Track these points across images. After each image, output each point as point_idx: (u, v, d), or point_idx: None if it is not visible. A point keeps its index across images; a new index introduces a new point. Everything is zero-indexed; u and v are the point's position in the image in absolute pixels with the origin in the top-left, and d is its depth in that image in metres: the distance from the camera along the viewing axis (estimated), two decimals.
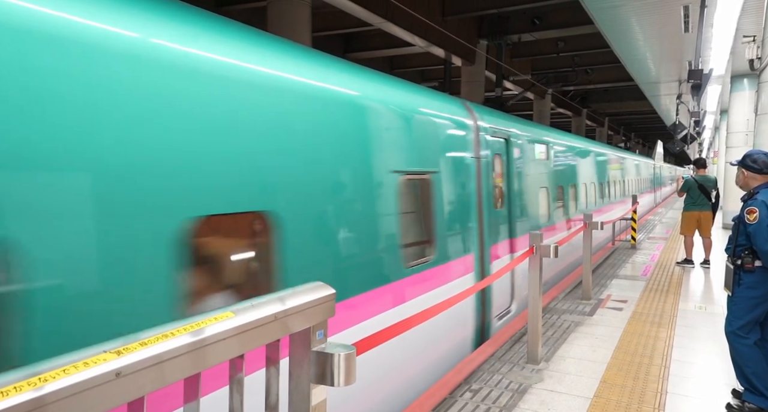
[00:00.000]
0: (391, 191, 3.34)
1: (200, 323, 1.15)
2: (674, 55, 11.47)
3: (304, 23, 9.40)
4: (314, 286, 1.51)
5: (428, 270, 3.76)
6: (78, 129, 1.64)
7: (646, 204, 18.34)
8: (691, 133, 17.88)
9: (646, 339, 4.76)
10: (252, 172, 2.31)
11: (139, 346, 0.99)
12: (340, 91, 3.01)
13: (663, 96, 17.59)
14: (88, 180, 1.65)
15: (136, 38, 1.88)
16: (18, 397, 0.78)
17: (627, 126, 40.12)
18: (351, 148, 3.02)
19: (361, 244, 3.03)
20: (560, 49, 16.43)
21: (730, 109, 14.09)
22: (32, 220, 1.51)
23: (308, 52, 3.02)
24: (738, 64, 12.24)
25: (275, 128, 2.48)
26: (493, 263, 4.97)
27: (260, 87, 2.42)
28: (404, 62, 18.30)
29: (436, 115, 4.10)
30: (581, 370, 4.02)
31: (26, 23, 1.55)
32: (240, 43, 2.41)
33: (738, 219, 3.39)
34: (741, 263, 3.30)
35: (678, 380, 3.85)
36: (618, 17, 8.76)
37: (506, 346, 4.56)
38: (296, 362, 1.44)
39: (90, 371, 0.88)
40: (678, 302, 6.12)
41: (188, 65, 2.05)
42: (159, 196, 1.87)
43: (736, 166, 3.61)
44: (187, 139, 2.00)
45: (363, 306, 3.02)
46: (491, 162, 5.08)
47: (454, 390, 3.66)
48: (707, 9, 7.43)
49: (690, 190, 8.29)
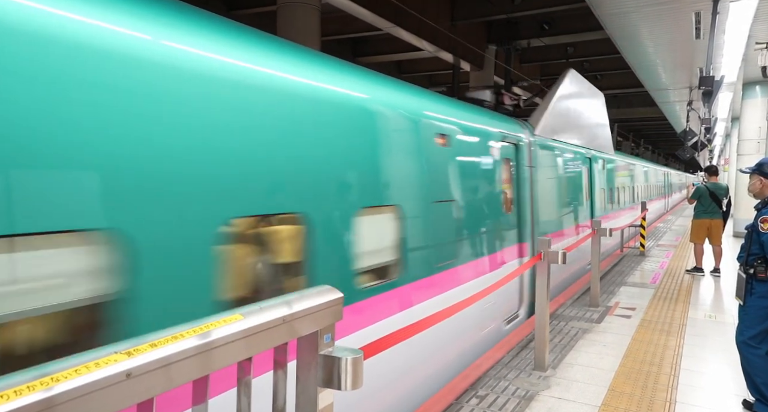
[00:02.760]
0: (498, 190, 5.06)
1: (209, 325, 1.15)
2: (685, 62, 11.38)
3: (313, 28, 9.46)
4: (322, 289, 1.51)
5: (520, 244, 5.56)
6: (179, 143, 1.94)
7: (675, 200, 23.35)
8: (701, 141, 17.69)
9: (654, 347, 4.71)
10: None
11: (149, 347, 1.00)
12: (441, 127, 3.94)
13: (673, 103, 17.44)
14: (177, 182, 1.93)
15: (213, 60, 2.12)
16: (30, 396, 0.79)
17: (636, 132, 39.84)
18: (464, 173, 4.26)
19: (492, 227, 4.83)
20: (569, 54, 16.36)
21: (742, 117, 13.94)
22: (140, 212, 1.77)
23: (385, 79, 3.63)
24: (750, 71, 12.13)
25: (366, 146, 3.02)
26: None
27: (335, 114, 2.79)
28: (412, 67, 18.32)
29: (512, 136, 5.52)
30: (589, 377, 3.99)
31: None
32: (297, 60, 2.68)
33: (751, 228, 3.35)
34: (754, 272, 3.26)
35: (687, 389, 3.80)
36: (628, 23, 8.72)
37: (513, 352, 4.53)
38: (303, 366, 1.44)
39: (101, 372, 0.89)
40: (687, 311, 6.05)
41: (254, 85, 2.30)
42: (216, 197, 2.08)
43: (748, 173, 3.57)
44: (242, 149, 2.21)
45: (494, 260, 4.85)
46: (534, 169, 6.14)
47: (461, 396, 3.64)
48: (719, 15, 7.38)
49: (701, 198, 8.21)
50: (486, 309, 4.62)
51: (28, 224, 1.48)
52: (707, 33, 7.86)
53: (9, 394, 0.77)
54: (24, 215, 1.47)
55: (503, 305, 5.12)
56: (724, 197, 8.25)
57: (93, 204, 1.65)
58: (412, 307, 3.39)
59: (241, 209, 2.20)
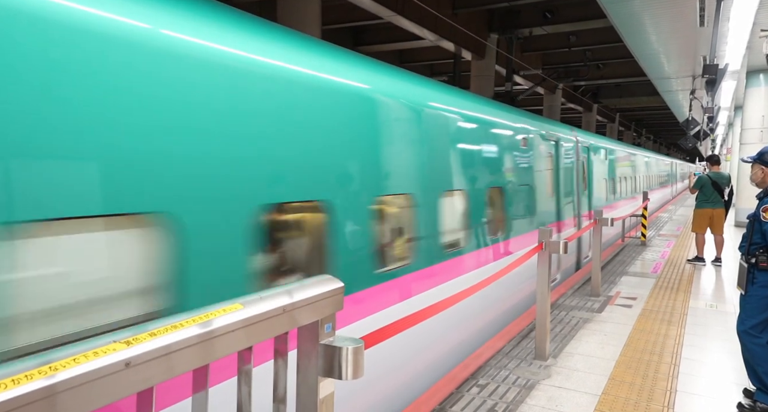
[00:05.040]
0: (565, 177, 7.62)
1: (209, 314, 1.15)
2: (688, 50, 11.26)
3: (314, 16, 9.36)
4: (323, 279, 1.51)
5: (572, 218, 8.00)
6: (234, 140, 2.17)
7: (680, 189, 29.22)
8: (704, 130, 17.59)
9: (655, 337, 4.72)
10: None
11: (148, 336, 0.99)
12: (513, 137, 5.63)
13: (676, 91, 17.30)
14: (226, 172, 2.13)
15: (274, 66, 2.39)
16: (29, 385, 0.79)
17: (638, 122, 39.63)
18: (525, 168, 5.89)
19: (547, 203, 6.73)
20: (572, 43, 16.20)
21: (745, 106, 13.84)
22: (193, 200, 1.98)
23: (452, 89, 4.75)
24: (754, 59, 12.00)
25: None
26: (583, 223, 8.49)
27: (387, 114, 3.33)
28: (413, 56, 18.18)
29: (567, 139, 7.82)
30: (589, 367, 4.00)
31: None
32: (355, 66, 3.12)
33: (753, 217, 3.33)
34: (755, 261, 3.25)
35: (688, 378, 3.81)
36: (631, 11, 8.61)
37: (514, 342, 4.55)
38: (304, 355, 1.44)
39: (100, 361, 0.88)
40: (689, 300, 6.06)
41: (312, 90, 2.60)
42: (251, 185, 2.27)
43: (750, 162, 3.55)
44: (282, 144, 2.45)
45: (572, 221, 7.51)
46: (583, 162, 8.72)
47: (461, 385, 3.65)
48: (724, 2, 7.27)
49: (703, 187, 8.19)
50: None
51: (95, 208, 1.68)
52: (711, 20, 7.76)
53: (7, 383, 0.77)
54: (91, 200, 1.67)
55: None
56: (726, 187, 8.22)
57: (156, 191, 1.85)
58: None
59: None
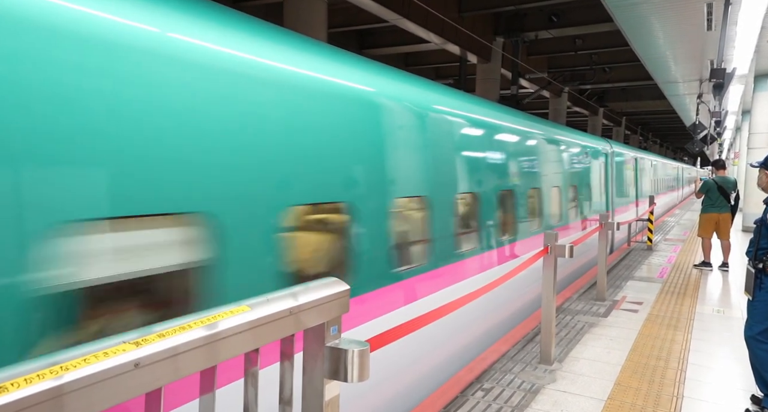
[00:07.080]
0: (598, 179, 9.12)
1: (216, 316, 1.16)
2: (695, 54, 11.21)
3: (320, 19, 9.40)
4: (328, 282, 1.51)
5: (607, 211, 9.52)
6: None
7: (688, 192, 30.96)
8: (711, 134, 17.50)
9: (661, 342, 4.69)
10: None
11: (156, 337, 1.00)
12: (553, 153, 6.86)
13: (683, 95, 17.21)
14: (253, 176, 2.23)
15: (298, 74, 2.48)
16: (40, 385, 0.79)
17: (645, 126, 39.44)
18: (564, 174, 7.07)
19: (584, 203, 8.04)
20: (578, 47, 16.17)
21: (753, 110, 13.75)
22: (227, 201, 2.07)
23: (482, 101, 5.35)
24: (762, 63, 11.94)
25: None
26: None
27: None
28: (419, 59, 18.20)
29: (602, 151, 9.48)
30: (595, 371, 3.98)
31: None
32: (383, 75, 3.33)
33: (761, 222, 3.31)
34: (763, 266, 3.23)
35: (695, 384, 3.78)
36: (638, 15, 8.59)
37: (519, 345, 4.53)
38: (310, 358, 1.44)
39: (109, 361, 0.89)
40: (695, 305, 6.02)
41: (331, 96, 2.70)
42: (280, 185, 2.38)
43: (757, 168, 3.53)
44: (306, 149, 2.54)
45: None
46: (614, 167, 10.29)
47: (466, 389, 3.64)
48: (731, 6, 7.25)
49: (709, 192, 8.14)
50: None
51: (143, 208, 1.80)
52: (719, 24, 7.74)
53: (20, 382, 0.78)
54: (139, 202, 1.78)
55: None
56: (732, 191, 8.17)
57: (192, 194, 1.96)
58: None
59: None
